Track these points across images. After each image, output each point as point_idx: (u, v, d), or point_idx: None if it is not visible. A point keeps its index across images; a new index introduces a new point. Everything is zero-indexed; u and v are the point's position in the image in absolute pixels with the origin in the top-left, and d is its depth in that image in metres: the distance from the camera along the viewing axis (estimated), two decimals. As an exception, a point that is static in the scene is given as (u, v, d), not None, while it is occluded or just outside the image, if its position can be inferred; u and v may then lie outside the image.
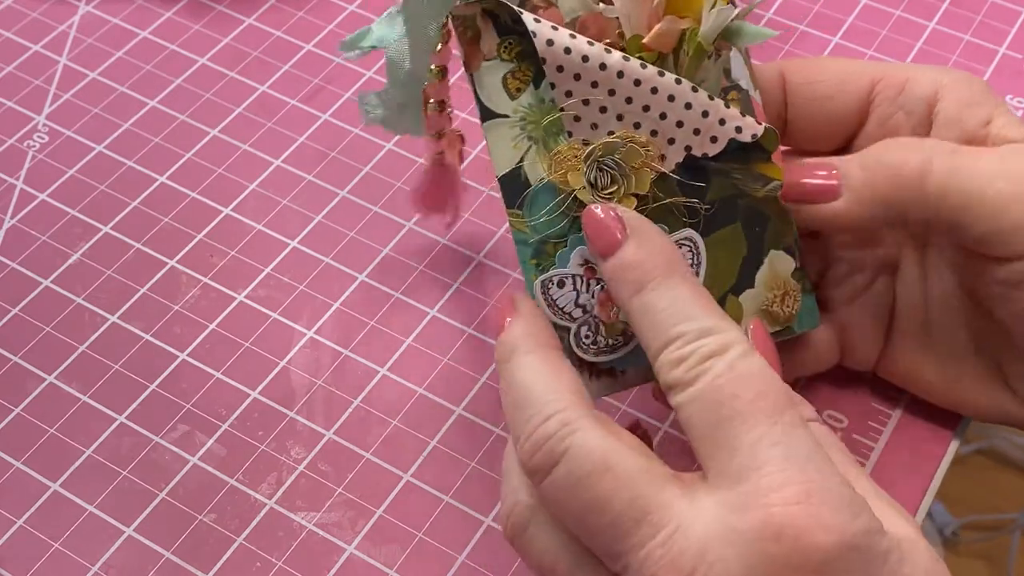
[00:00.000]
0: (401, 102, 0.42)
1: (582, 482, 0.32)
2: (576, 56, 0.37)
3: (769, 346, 0.39)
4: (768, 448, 0.31)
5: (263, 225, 0.52)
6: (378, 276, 0.50)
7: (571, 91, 0.38)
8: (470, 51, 0.39)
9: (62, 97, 0.57)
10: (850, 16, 0.61)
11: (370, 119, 0.43)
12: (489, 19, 0.39)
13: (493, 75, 0.39)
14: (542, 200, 0.39)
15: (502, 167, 0.39)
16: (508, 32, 0.39)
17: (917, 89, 0.41)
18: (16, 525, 0.43)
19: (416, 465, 0.45)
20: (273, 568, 0.42)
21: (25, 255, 0.51)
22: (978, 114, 0.40)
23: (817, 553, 0.30)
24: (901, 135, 0.42)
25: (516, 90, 0.39)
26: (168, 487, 0.44)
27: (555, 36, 0.37)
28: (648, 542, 0.31)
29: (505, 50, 0.39)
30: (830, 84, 0.42)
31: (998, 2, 0.61)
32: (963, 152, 0.39)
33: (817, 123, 0.43)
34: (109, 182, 0.54)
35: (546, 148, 0.39)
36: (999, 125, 0.40)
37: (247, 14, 0.61)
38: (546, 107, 0.39)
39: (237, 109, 0.57)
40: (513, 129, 0.39)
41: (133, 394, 0.47)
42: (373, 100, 0.43)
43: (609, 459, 0.32)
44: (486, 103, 0.39)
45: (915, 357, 0.44)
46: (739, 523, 0.31)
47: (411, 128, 0.42)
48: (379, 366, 0.47)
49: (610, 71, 0.37)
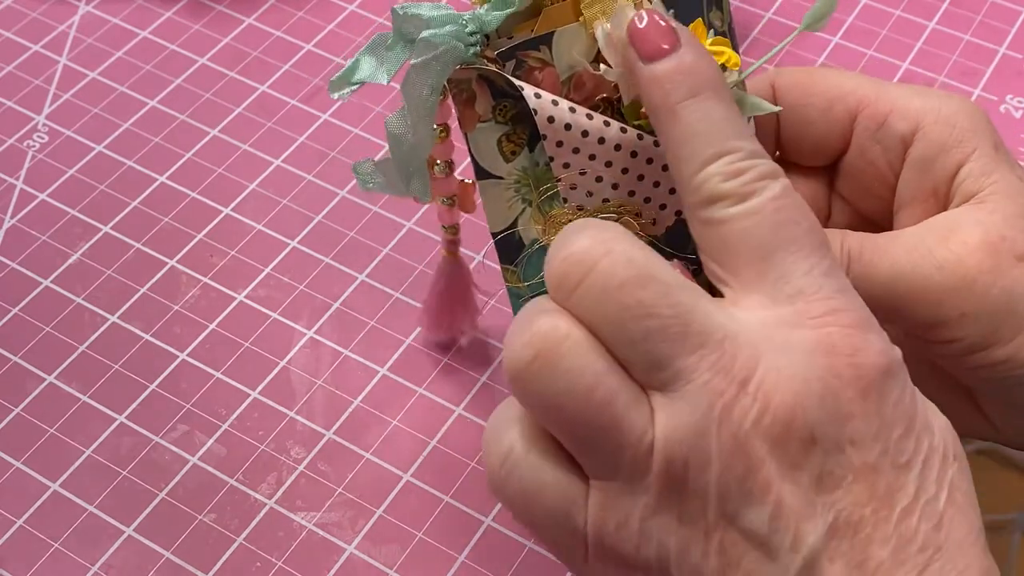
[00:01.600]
0: (409, 172, 0.41)
1: (626, 286, 0.30)
2: (576, 131, 0.37)
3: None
4: (821, 276, 0.32)
5: (263, 225, 0.52)
6: (378, 276, 0.50)
7: (569, 163, 0.38)
8: (466, 112, 0.39)
9: (62, 97, 0.57)
10: (850, 16, 0.61)
11: (368, 188, 0.43)
12: (484, 82, 0.38)
13: (488, 137, 0.39)
14: (536, 261, 0.39)
15: (496, 226, 0.39)
16: (503, 95, 0.38)
17: (897, 126, 0.41)
18: (16, 525, 0.43)
19: (416, 465, 0.45)
20: (273, 568, 0.42)
21: (25, 255, 0.51)
22: (948, 161, 0.40)
23: (872, 371, 0.31)
24: (878, 166, 0.42)
25: (511, 152, 0.39)
26: (168, 487, 0.44)
27: (555, 112, 0.37)
28: (699, 349, 0.30)
29: (500, 112, 0.39)
30: (816, 108, 0.42)
31: (998, 2, 0.61)
32: (867, 253, 0.39)
33: (804, 144, 0.43)
34: (109, 182, 0.54)
35: (540, 211, 0.39)
36: (966, 173, 0.40)
37: (247, 14, 0.61)
38: (540, 171, 0.39)
39: (237, 109, 0.57)
40: (508, 191, 0.39)
41: (133, 394, 0.47)
42: (368, 168, 0.42)
43: (652, 267, 0.31)
44: (481, 163, 0.39)
45: None
46: (794, 337, 0.31)
47: (420, 195, 0.42)
48: (379, 366, 0.47)
49: (608, 144, 0.38)
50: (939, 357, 0.40)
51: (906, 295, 0.38)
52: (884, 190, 0.42)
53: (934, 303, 0.38)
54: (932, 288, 0.38)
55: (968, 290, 0.38)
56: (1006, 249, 0.38)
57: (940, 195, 0.40)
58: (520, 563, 0.42)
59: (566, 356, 0.30)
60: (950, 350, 0.39)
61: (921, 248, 0.38)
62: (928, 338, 0.39)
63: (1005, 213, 0.39)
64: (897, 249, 0.39)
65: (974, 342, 0.38)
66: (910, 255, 0.38)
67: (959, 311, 0.38)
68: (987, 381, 0.39)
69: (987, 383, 0.40)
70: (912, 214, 0.41)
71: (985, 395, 0.42)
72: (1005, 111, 0.56)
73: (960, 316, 0.38)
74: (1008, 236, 0.38)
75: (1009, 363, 0.38)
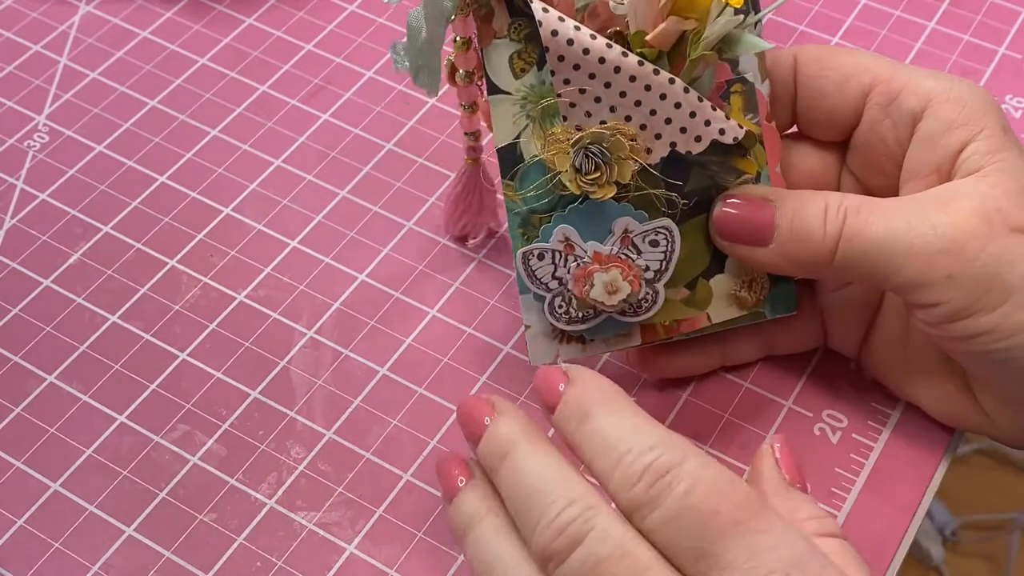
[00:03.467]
0: (417, 65, 0.43)
1: (602, 565, 0.33)
2: (578, 48, 0.39)
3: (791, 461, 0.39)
4: (766, 552, 0.32)
5: (263, 225, 0.52)
6: (378, 276, 0.50)
7: (569, 79, 0.39)
8: (483, 28, 0.41)
9: (62, 97, 0.57)
10: (850, 16, 0.61)
11: (400, 67, 0.44)
12: (502, 0, 0.41)
13: (501, 53, 0.41)
14: (533, 175, 0.41)
15: (501, 140, 0.41)
16: (519, 14, 0.41)
17: (907, 102, 0.42)
18: (16, 525, 0.43)
19: (416, 465, 0.45)
20: (273, 568, 0.42)
21: (25, 255, 0.51)
22: (954, 139, 0.41)
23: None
24: (887, 142, 0.42)
25: (520, 70, 0.41)
26: (168, 487, 0.44)
27: (560, 27, 0.39)
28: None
29: (515, 31, 0.41)
30: (832, 81, 0.43)
31: (998, 2, 0.61)
32: (865, 211, 0.40)
33: (818, 116, 0.44)
34: (109, 182, 0.54)
35: (541, 128, 0.41)
36: (972, 151, 0.40)
37: (247, 14, 0.61)
38: (546, 89, 0.41)
39: (237, 109, 0.57)
40: (514, 106, 0.41)
41: (133, 394, 0.47)
42: (402, 48, 0.44)
43: (627, 544, 0.33)
44: (492, 79, 0.41)
45: (890, 356, 0.45)
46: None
47: (426, 88, 0.44)
48: (379, 366, 0.47)
49: (608, 65, 0.39)
50: (924, 324, 0.40)
51: (897, 252, 0.39)
52: (891, 166, 0.43)
53: (924, 262, 0.38)
54: (923, 247, 0.38)
55: (958, 252, 0.38)
56: (1001, 220, 0.38)
57: (943, 171, 0.41)
58: (520, 563, 0.42)
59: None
60: (933, 314, 0.39)
61: (918, 210, 0.39)
62: (913, 301, 0.39)
63: (1006, 187, 0.39)
64: (894, 209, 0.40)
65: (958, 307, 0.38)
66: (906, 214, 0.39)
67: (946, 272, 0.38)
68: (973, 356, 0.40)
69: (974, 359, 0.40)
70: (915, 188, 0.42)
71: (979, 383, 0.42)
72: (1005, 111, 0.56)
73: (947, 278, 0.38)
74: (1004, 208, 0.39)
75: (992, 334, 0.38)
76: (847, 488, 0.44)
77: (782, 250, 0.41)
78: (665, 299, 0.42)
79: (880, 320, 0.44)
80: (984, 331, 0.38)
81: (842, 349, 0.46)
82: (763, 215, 0.41)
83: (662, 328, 0.43)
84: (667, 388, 0.47)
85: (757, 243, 0.41)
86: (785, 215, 0.41)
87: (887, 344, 0.44)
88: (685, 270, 0.42)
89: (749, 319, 0.44)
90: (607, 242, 0.41)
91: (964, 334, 0.39)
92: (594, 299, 0.41)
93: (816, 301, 0.46)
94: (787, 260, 0.41)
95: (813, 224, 0.40)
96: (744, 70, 0.42)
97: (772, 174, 0.43)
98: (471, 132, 0.46)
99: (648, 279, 0.42)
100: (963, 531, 1.08)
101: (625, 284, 0.41)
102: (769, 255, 0.41)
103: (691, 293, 0.43)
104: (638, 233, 0.41)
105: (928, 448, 0.45)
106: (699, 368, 0.46)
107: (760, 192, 0.42)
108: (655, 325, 0.43)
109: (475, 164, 0.48)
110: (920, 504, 0.44)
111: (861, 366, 0.46)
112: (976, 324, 0.38)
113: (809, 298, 0.45)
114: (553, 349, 0.43)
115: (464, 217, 0.50)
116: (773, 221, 0.41)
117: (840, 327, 0.46)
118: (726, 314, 0.43)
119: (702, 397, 0.46)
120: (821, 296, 0.46)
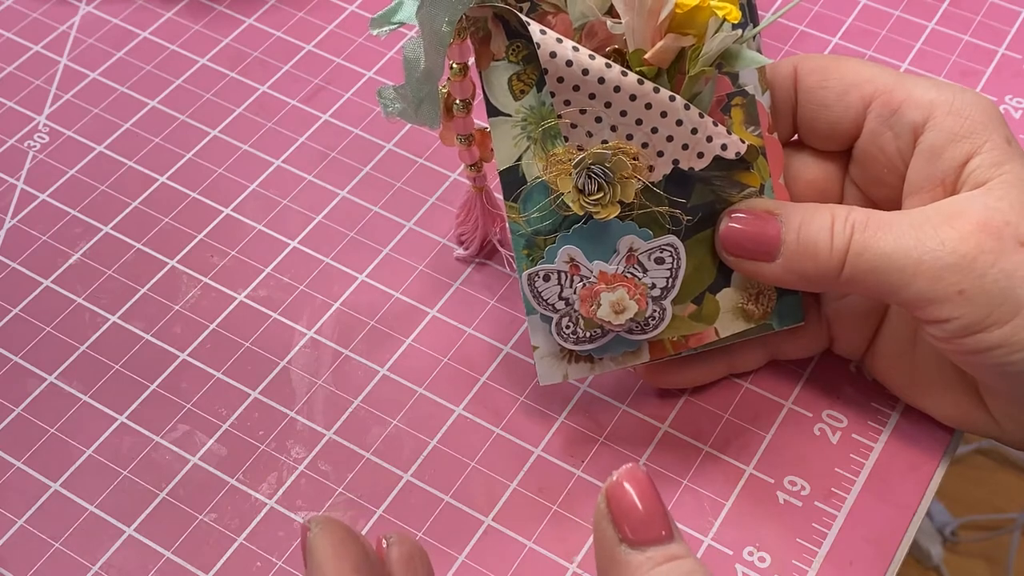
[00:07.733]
0: (419, 97, 0.43)
1: None
2: (577, 68, 0.39)
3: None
4: None
5: (263, 225, 0.52)
6: (378, 276, 0.50)
7: (569, 100, 0.39)
8: (481, 51, 0.41)
9: (63, 97, 0.57)
10: (849, 17, 0.61)
11: (389, 112, 0.44)
12: (500, 22, 0.41)
13: (500, 75, 0.41)
14: (536, 197, 0.41)
15: (503, 162, 0.41)
16: (517, 36, 0.41)
17: (909, 114, 0.41)
18: (16, 525, 0.43)
19: (416, 465, 0.45)
20: (273, 568, 0.42)
21: (25, 255, 0.51)
22: (958, 152, 0.40)
23: None
24: (888, 153, 0.42)
25: (520, 91, 0.41)
26: (168, 487, 0.44)
27: (558, 48, 0.39)
28: None
29: (513, 52, 0.41)
30: (833, 92, 0.43)
31: (998, 2, 0.61)
32: (872, 225, 0.39)
33: (820, 128, 0.44)
34: (109, 182, 0.54)
35: (543, 149, 0.41)
36: (976, 164, 0.40)
37: (247, 14, 0.61)
38: (546, 110, 0.41)
39: (237, 109, 0.57)
40: (515, 128, 0.41)
41: (133, 394, 0.47)
42: (391, 94, 0.44)
43: None
44: (492, 101, 0.41)
45: (897, 363, 0.45)
46: None
47: (429, 122, 0.44)
48: (379, 366, 0.47)
49: (608, 85, 0.39)
50: (935, 339, 0.40)
51: (907, 267, 0.39)
52: (894, 178, 0.43)
53: (933, 278, 0.38)
54: (933, 262, 0.38)
55: (968, 268, 0.38)
56: (1009, 234, 0.38)
57: (948, 184, 0.41)
58: (520, 563, 0.42)
59: None
60: (946, 330, 0.39)
61: (926, 224, 0.39)
62: (924, 316, 0.39)
63: (1012, 200, 0.39)
64: (902, 223, 0.39)
65: (970, 322, 0.38)
66: (914, 230, 0.39)
67: (957, 288, 0.38)
68: (985, 368, 0.40)
69: (986, 371, 0.40)
70: (919, 201, 0.41)
71: (989, 390, 0.42)
72: (1005, 111, 0.56)
73: (958, 293, 0.38)
74: (1012, 222, 0.39)
75: (1005, 347, 0.38)
76: (847, 488, 0.44)
77: (789, 265, 0.41)
78: (672, 315, 0.42)
79: (886, 327, 0.44)
80: (996, 345, 0.38)
81: (848, 355, 0.46)
82: (769, 230, 0.41)
83: (670, 344, 0.43)
84: (667, 389, 0.47)
85: (763, 258, 0.41)
86: (791, 229, 0.41)
87: (894, 350, 0.44)
88: (691, 285, 0.42)
89: (757, 331, 0.43)
90: (612, 261, 0.41)
91: (976, 348, 0.39)
92: (601, 319, 0.41)
93: (822, 309, 0.45)
94: (794, 274, 0.41)
95: (820, 238, 0.40)
96: (744, 83, 0.42)
97: (776, 186, 0.43)
98: (471, 164, 0.47)
99: (655, 296, 0.41)
100: (963, 531, 1.09)
101: (632, 303, 0.41)
102: (776, 270, 0.41)
103: (698, 308, 0.43)
104: (643, 251, 0.41)
105: (928, 448, 0.45)
106: (707, 378, 0.46)
107: (765, 205, 0.42)
108: (663, 341, 0.43)
109: (480, 191, 0.48)
110: (920, 504, 0.44)
111: (865, 370, 0.46)
112: (988, 338, 0.38)
113: (815, 306, 0.45)
114: (562, 369, 0.43)
115: (478, 236, 0.50)
116: (779, 236, 0.41)
117: (846, 334, 0.45)
118: (734, 327, 0.43)
119: (702, 397, 0.46)
120: (827, 303, 0.45)
